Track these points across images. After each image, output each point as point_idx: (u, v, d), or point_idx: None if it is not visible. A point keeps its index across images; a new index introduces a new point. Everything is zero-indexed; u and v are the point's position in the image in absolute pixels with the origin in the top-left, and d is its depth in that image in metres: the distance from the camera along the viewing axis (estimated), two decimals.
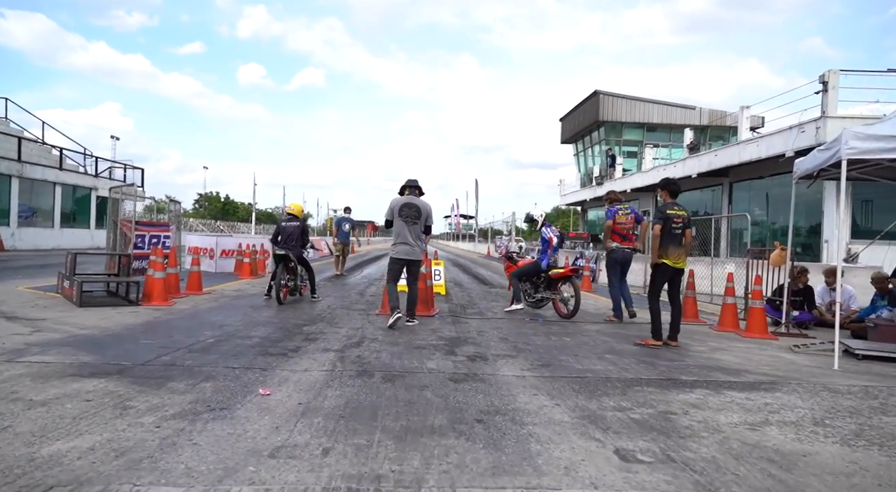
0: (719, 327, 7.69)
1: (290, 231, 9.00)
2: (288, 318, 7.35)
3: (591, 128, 29.23)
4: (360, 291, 11.36)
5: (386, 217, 7.21)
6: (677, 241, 6.23)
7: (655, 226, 6.20)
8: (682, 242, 6.29)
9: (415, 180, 7.30)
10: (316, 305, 8.85)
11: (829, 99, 11.66)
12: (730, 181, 17.07)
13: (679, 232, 6.23)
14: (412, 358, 5.14)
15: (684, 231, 6.29)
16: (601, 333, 7.10)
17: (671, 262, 6.20)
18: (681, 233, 6.25)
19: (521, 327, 7.31)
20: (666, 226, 6.17)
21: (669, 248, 6.20)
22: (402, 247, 7.02)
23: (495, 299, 10.70)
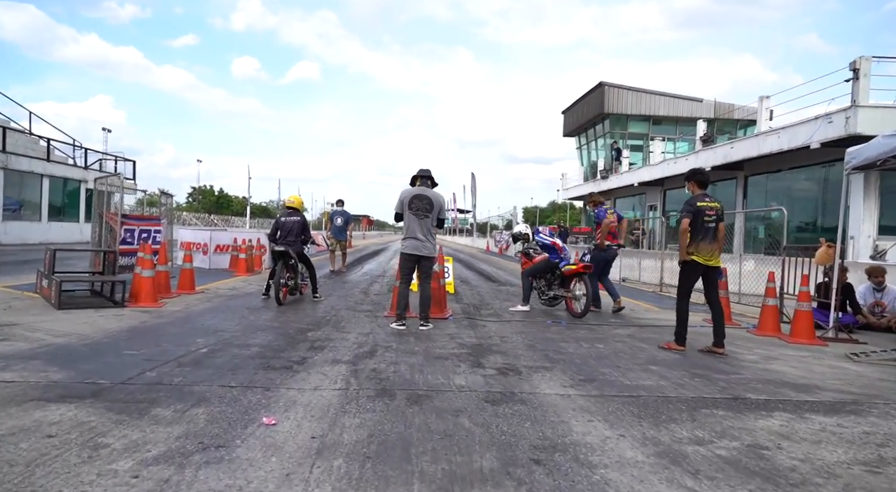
0: (759, 331, 7.07)
1: (290, 226, 8.31)
2: (289, 321, 6.68)
3: (594, 120, 28.55)
4: (363, 289, 10.69)
5: (396, 210, 6.56)
6: (710, 235, 5.69)
7: (683, 219, 5.68)
8: (715, 237, 5.73)
9: (427, 170, 6.64)
10: (318, 305, 8.18)
11: (860, 87, 11.05)
12: (745, 175, 16.47)
13: (712, 225, 5.69)
14: (435, 371, 4.49)
15: (717, 225, 5.74)
16: (634, 338, 6.46)
17: (703, 259, 5.66)
18: (714, 227, 5.71)
19: (545, 332, 6.67)
20: (697, 219, 5.64)
21: (701, 244, 5.66)
22: (410, 242, 6.38)
23: (508, 299, 10.05)
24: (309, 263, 8.79)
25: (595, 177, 27.12)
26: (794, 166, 14.37)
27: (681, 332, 5.77)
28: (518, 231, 8.98)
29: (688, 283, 5.77)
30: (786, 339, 6.64)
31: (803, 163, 13.87)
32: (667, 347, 5.78)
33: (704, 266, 5.69)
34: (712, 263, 5.72)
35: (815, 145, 12.06)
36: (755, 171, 16.00)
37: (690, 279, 5.76)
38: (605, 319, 8.01)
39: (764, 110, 14.46)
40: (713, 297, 5.89)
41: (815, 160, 13.53)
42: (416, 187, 6.52)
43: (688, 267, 5.74)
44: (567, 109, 32.46)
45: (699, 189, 5.94)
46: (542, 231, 8.41)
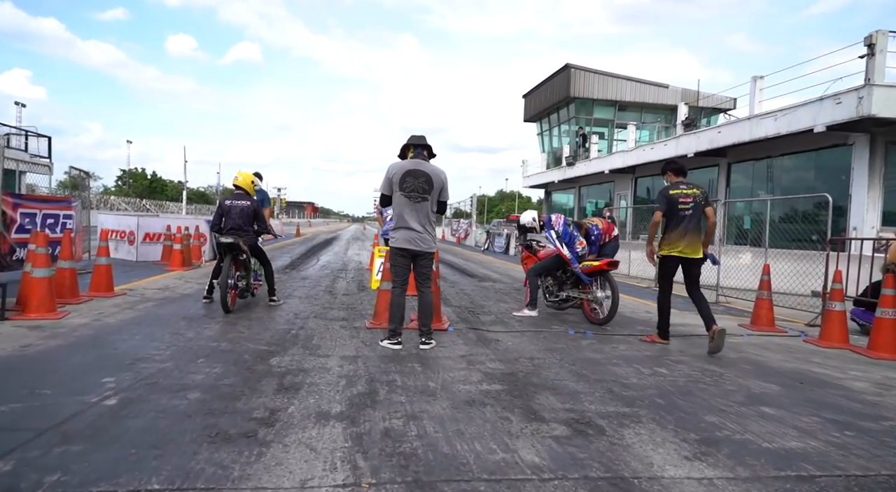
0: (823, 342, 5.89)
1: (240, 212, 6.50)
2: (243, 338, 4.95)
3: (559, 105, 27.38)
4: (327, 288, 8.95)
5: (381, 191, 4.93)
6: (688, 224, 5.35)
7: (655, 212, 5.52)
8: (697, 227, 5.38)
9: (422, 137, 5.02)
10: (278, 312, 6.43)
11: (875, 64, 10.17)
12: (728, 162, 15.63)
13: (689, 213, 5.36)
14: (480, 432, 2.94)
15: (703, 211, 5.42)
16: (688, 354, 5.11)
17: (677, 251, 5.37)
18: (691, 214, 5.36)
19: (579, 348, 5.23)
20: (672, 209, 5.38)
21: (673, 235, 5.39)
22: (403, 233, 4.80)
23: (501, 299, 8.58)
24: (264, 257, 7.01)
25: (560, 164, 26.03)
26: (786, 152, 13.56)
27: (662, 326, 5.59)
28: (525, 222, 7.48)
29: (665, 277, 5.56)
30: (865, 353, 5.45)
31: (798, 148, 13.06)
32: (650, 340, 5.61)
33: (680, 259, 5.40)
34: (689, 254, 5.36)
35: (821, 129, 11.18)
36: (740, 157, 15.17)
37: (667, 274, 5.53)
38: (625, 325, 6.66)
39: (757, 92, 13.57)
40: (694, 292, 5.52)
41: (810, 146, 12.72)
42: (408, 160, 4.90)
43: (664, 262, 5.50)
44: (529, 93, 31.20)
45: (676, 177, 5.67)
46: (554, 222, 6.95)
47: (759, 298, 6.85)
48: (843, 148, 11.96)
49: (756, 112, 13.24)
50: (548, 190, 30.91)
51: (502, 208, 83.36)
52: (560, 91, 26.71)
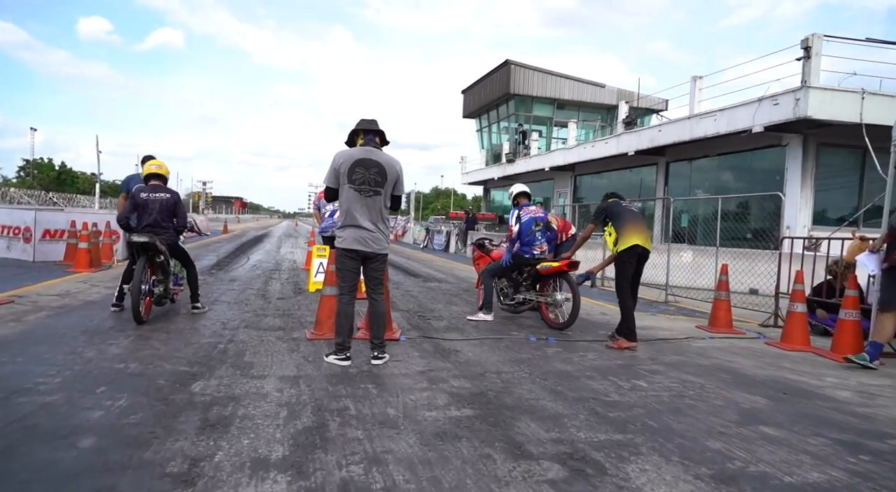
0: (786, 344, 5.73)
1: (159, 206, 5.60)
2: (158, 357, 4.14)
3: (499, 101, 27.20)
4: (259, 291, 8.11)
5: (326, 183, 4.26)
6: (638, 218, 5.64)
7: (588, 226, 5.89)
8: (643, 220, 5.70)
9: (373, 121, 4.38)
10: (202, 321, 5.61)
11: (811, 66, 10.42)
12: (667, 161, 15.84)
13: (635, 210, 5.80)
14: (461, 479, 2.38)
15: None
16: (659, 362, 4.77)
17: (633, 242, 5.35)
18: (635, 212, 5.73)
19: (547, 358, 4.77)
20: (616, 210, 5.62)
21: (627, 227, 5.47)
22: (352, 232, 4.16)
23: (450, 300, 8.06)
24: (186, 258, 6.13)
25: (500, 160, 25.84)
26: (723, 152, 13.83)
27: (630, 327, 5.33)
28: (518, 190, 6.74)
29: (624, 274, 5.40)
30: (829, 356, 5.31)
31: (734, 149, 13.32)
32: (617, 347, 5.28)
33: (641, 250, 5.34)
34: (649, 245, 5.43)
35: (758, 129, 11.38)
36: (678, 157, 15.39)
37: (628, 268, 5.39)
38: (586, 330, 6.31)
39: (697, 91, 13.77)
40: (634, 292, 5.48)
41: (746, 146, 12.99)
42: (358, 148, 4.26)
43: (623, 258, 5.37)
44: (468, 89, 30.89)
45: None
46: (525, 210, 6.44)
47: (717, 299, 6.68)
48: (778, 149, 12.29)
49: (696, 112, 13.42)
50: (486, 187, 30.75)
51: (437, 205, 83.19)
52: (500, 87, 26.53)
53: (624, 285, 5.41)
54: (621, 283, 5.42)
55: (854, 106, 10.51)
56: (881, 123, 10.63)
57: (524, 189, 6.67)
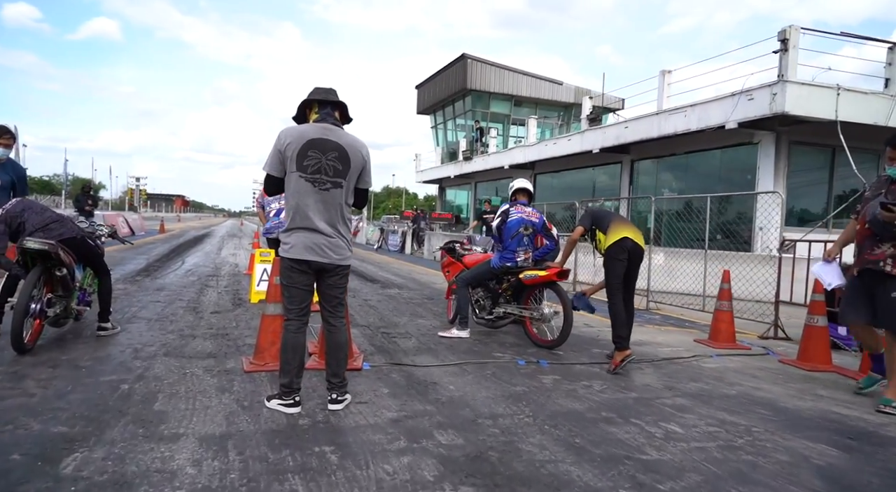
0: (805, 363, 5.03)
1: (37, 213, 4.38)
2: (26, 410, 2.98)
3: (455, 97, 26.30)
4: (191, 302, 6.89)
5: (267, 170, 3.18)
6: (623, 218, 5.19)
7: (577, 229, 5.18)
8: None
9: (331, 90, 3.32)
10: (108, 348, 4.41)
11: (788, 60, 9.99)
12: (631, 159, 15.34)
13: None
14: None
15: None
16: (680, 392, 3.96)
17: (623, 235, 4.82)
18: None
19: (546, 394, 3.87)
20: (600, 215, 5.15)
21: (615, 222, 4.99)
22: (303, 237, 3.13)
23: (414, 311, 7.08)
24: (100, 265, 4.90)
25: (457, 158, 24.97)
26: (691, 150, 13.39)
27: (622, 334, 4.65)
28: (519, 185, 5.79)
29: (616, 271, 4.77)
30: (858, 377, 4.63)
31: (704, 146, 12.89)
32: (616, 365, 4.53)
33: (631, 245, 4.73)
34: (638, 241, 4.79)
35: (732, 125, 10.91)
36: (644, 155, 14.91)
37: (617, 266, 4.76)
38: (578, 347, 5.47)
39: (665, 86, 13.31)
40: (628, 300, 4.85)
41: (716, 144, 12.57)
42: (311, 125, 3.20)
43: (611, 254, 4.76)
44: (422, 84, 29.86)
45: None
46: (515, 211, 5.53)
47: (718, 310, 5.97)
48: (749, 147, 11.90)
49: (664, 107, 12.92)
50: (442, 185, 29.83)
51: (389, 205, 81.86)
52: (456, 82, 25.66)
53: (615, 286, 4.77)
54: (611, 283, 4.79)
55: (829, 102, 10.16)
56: (855, 120, 10.37)
57: (525, 185, 5.76)
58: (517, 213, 5.52)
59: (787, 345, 6.07)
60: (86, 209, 14.93)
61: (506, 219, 5.45)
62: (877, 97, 10.59)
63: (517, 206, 5.59)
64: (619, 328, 4.68)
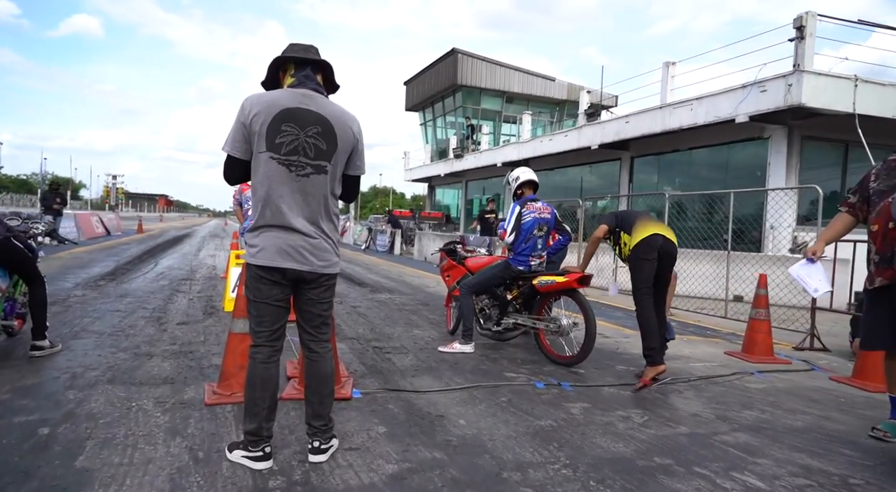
0: (861, 382, 4.38)
1: None
2: None
3: (445, 93, 25.57)
4: (156, 311, 6.08)
5: (228, 149, 2.39)
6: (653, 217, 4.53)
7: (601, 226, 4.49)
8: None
9: (311, 47, 2.54)
10: (37, 373, 3.61)
11: (805, 48, 9.41)
12: (631, 155, 14.73)
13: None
14: None
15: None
16: (735, 423, 3.26)
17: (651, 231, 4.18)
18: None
19: (580, 430, 3.16)
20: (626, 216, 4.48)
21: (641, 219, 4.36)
22: (275, 237, 2.38)
23: (409, 320, 6.34)
24: (29, 271, 4.10)
25: (448, 156, 24.24)
26: (696, 146, 12.79)
27: (652, 345, 4.02)
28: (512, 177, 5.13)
29: (644, 273, 4.11)
30: None
31: (709, 142, 12.29)
32: (645, 384, 3.95)
33: (662, 241, 4.07)
34: (669, 236, 4.15)
35: (743, 119, 10.32)
36: (644, 151, 14.30)
37: (645, 268, 4.10)
38: (600, 364, 4.77)
39: (670, 79, 12.68)
40: (658, 306, 4.18)
41: (722, 139, 11.98)
42: (285, 91, 2.43)
43: (641, 250, 4.09)
44: (411, 80, 29.08)
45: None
46: (529, 206, 4.84)
47: (754, 318, 5.30)
48: (759, 142, 11.32)
49: (668, 101, 12.30)
50: (432, 184, 29.09)
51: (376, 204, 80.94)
52: (446, 78, 24.93)
53: (643, 291, 4.16)
54: (640, 287, 4.17)
55: (847, 94, 9.59)
56: (873, 113, 9.81)
57: (533, 177, 5.04)
58: (530, 212, 4.81)
59: (829, 358, 5.43)
60: (53, 208, 14.03)
61: (520, 221, 4.75)
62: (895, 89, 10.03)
63: (528, 204, 4.88)
64: (650, 339, 4.05)
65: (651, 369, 4.02)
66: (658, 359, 4.05)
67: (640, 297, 4.15)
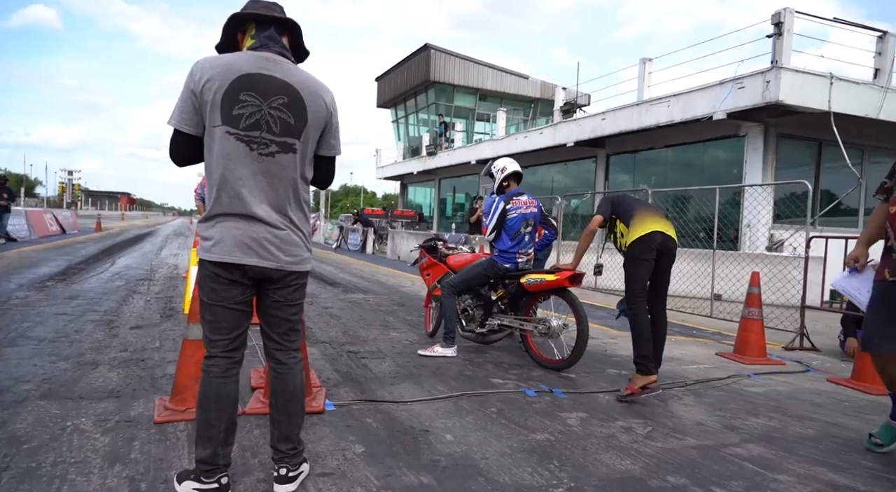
0: (861, 384, 4.20)
1: None
2: None
3: (417, 89, 25.14)
4: (107, 314, 5.57)
5: (173, 122, 1.97)
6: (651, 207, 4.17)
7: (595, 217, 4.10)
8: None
9: (274, 4, 2.14)
10: None
11: (783, 44, 9.35)
12: (607, 153, 14.59)
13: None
14: None
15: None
16: (745, 432, 3.01)
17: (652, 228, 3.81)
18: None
19: (579, 444, 2.85)
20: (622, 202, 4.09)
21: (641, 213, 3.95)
22: (234, 228, 1.99)
23: (384, 321, 5.97)
24: None
25: (421, 153, 23.83)
26: (671, 144, 12.70)
27: (644, 354, 3.65)
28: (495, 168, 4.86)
29: (640, 273, 3.76)
30: None
31: (685, 140, 12.21)
32: (633, 391, 3.58)
33: (661, 239, 3.73)
34: (670, 233, 3.80)
35: (721, 115, 10.22)
36: (619, 149, 14.17)
37: (642, 267, 3.75)
38: (590, 368, 4.49)
39: (647, 75, 12.57)
40: (658, 306, 3.91)
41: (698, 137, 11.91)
42: (245, 54, 2.04)
43: (638, 248, 3.73)
44: (382, 76, 28.56)
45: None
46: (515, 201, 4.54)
47: (746, 317, 5.09)
48: (735, 140, 11.27)
49: (645, 98, 12.18)
50: (404, 182, 28.63)
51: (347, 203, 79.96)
52: (419, 74, 24.52)
53: (637, 293, 3.77)
54: (634, 289, 3.77)
55: (823, 92, 9.57)
56: (848, 112, 9.82)
57: (516, 168, 4.75)
58: (516, 208, 4.51)
59: (821, 358, 5.26)
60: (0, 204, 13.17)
61: (504, 217, 4.44)
62: (869, 88, 10.07)
63: (513, 199, 4.57)
64: (642, 346, 3.68)
65: (641, 378, 3.63)
66: (650, 369, 3.64)
67: (635, 299, 3.77)
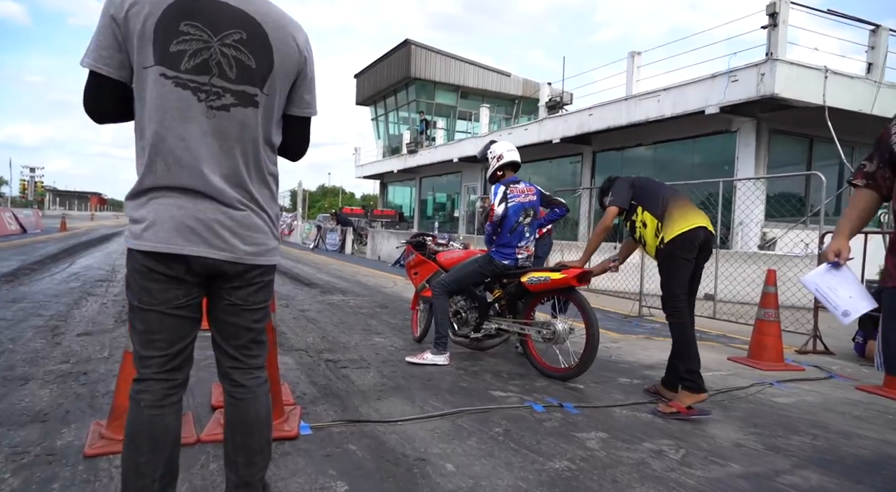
0: (889, 391, 3.82)
1: None
2: None
3: (397, 86, 24.57)
4: (53, 318, 4.95)
5: (89, 63, 1.42)
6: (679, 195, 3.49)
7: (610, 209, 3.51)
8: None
9: None
10: None
11: (778, 36, 9.06)
12: (593, 150, 14.24)
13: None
14: None
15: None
16: (795, 459, 2.59)
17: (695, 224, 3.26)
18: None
19: (608, 476, 2.37)
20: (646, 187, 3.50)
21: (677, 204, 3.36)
22: (174, 205, 1.46)
23: (366, 325, 5.45)
24: None
25: (401, 151, 23.26)
26: (660, 140, 12.39)
27: (690, 368, 3.15)
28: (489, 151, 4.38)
29: (681, 275, 3.24)
30: None
31: (674, 136, 11.90)
32: (676, 410, 3.12)
33: (704, 236, 3.24)
34: (710, 225, 3.30)
35: (713, 110, 9.91)
36: (606, 146, 13.83)
37: (684, 268, 3.24)
38: (599, 377, 4.04)
39: (635, 70, 12.24)
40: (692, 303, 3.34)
41: (688, 133, 11.61)
42: None
43: (679, 246, 3.20)
44: (361, 73, 27.92)
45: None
46: (512, 189, 4.08)
47: (762, 319, 4.69)
48: (726, 135, 10.99)
49: (633, 92, 11.84)
50: (384, 181, 28.02)
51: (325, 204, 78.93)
52: (399, 71, 23.96)
53: (681, 298, 3.24)
54: (676, 294, 3.24)
55: (817, 85, 9.31)
56: (842, 106, 9.59)
57: (514, 158, 4.28)
58: (514, 197, 4.06)
59: (838, 362, 4.90)
60: None
61: (506, 202, 3.99)
62: (862, 82, 9.86)
63: (510, 187, 4.11)
64: (691, 360, 3.16)
65: (689, 396, 3.13)
66: (700, 386, 3.13)
67: (678, 304, 3.23)
